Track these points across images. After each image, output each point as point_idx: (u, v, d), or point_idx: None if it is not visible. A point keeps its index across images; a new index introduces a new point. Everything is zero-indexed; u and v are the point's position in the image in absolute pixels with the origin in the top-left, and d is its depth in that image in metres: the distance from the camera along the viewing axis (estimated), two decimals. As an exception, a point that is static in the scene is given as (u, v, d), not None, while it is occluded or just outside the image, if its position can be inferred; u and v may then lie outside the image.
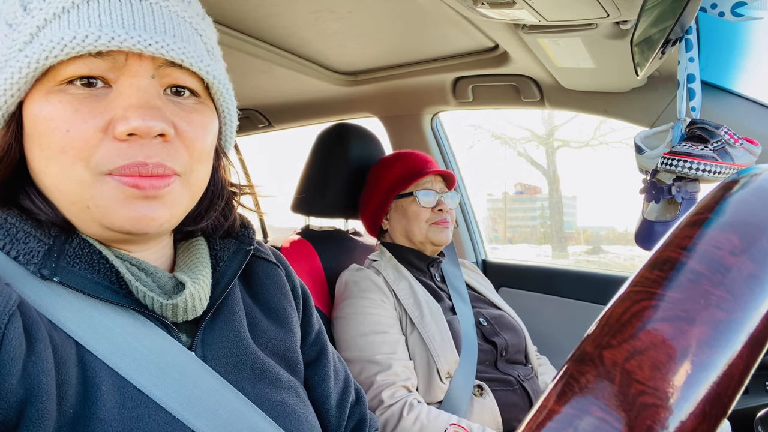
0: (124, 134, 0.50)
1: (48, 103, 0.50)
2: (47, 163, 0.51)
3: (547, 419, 0.25)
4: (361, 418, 0.82)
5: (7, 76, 0.50)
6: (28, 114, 0.52)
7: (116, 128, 0.50)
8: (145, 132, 0.50)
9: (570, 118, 9.77)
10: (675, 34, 0.99)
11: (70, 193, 0.52)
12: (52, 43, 0.48)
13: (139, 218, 0.52)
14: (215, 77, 0.57)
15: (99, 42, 0.49)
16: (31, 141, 0.52)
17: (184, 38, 0.54)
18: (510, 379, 1.31)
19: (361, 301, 1.32)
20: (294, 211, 1.66)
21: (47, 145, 0.50)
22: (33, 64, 0.49)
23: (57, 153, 0.50)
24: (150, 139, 0.51)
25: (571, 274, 1.91)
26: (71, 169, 0.50)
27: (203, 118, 0.57)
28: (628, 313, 0.26)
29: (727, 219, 0.28)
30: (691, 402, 0.23)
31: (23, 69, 0.49)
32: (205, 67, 0.55)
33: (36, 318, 0.49)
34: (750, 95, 1.29)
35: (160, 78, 0.54)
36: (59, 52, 0.49)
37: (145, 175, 0.51)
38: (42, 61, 0.49)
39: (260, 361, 0.65)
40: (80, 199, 0.52)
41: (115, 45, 0.49)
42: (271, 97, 2.05)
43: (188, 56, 0.53)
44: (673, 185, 1.05)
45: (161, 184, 0.53)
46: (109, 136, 0.50)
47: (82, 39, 0.48)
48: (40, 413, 0.45)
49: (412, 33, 1.45)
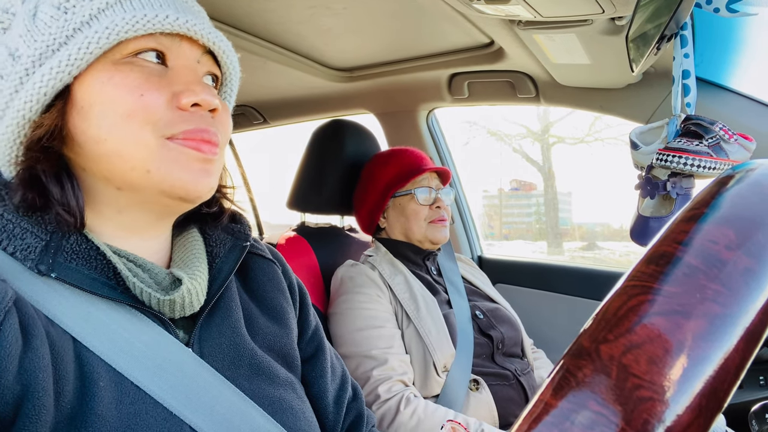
0: (189, 105, 0.56)
1: (119, 72, 0.55)
2: (110, 128, 0.54)
3: (544, 413, 0.25)
4: (359, 414, 0.82)
5: (81, 46, 0.53)
6: (87, 85, 0.54)
7: (182, 99, 0.56)
8: (207, 104, 0.57)
9: (565, 115, 9.80)
10: (670, 30, 0.99)
11: (133, 157, 0.54)
12: (135, 17, 0.54)
13: (198, 180, 0.57)
14: (235, 71, 0.67)
15: (176, 22, 0.56)
16: (88, 111, 0.54)
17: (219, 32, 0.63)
18: (507, 374, 1.31)
19: (357, 296, 1.32)
20: (289, 207, 1.66)
21: (114, 110, 0.54)
22: (113, 36, 0.53)
23: (124, 117, 0.54)
24: (206, 111, 0.58)
25: (567, 270, 1.92)
26: (138, 133, 0.54)
27: (227, 106, 0.65)
28: (624, 308, 0.26)
29: (722, 214, 0.28)
30: (688, 396, 0.23)
31: (102, 40, 0.53)
32: (235, 62, 0.66)
33: (32, 314, 0.49)
34: (745, 91, 1.29)
35: (201, 65, 0.61)
36: (140, 27, 0.54)
37: (207, 140, 0.57)
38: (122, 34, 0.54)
39: (257, 357, 0.65)
40: (142, 163, 0.55)
41: (187, 27, 0.57)
42: (266, 94, 2.05)
43: (228, 49, 0.63)
44: (668, 181, 1.05)
45: (216, 150, 0.59)
46: (173, 106, 0.56)
47: (164, 17, 0.55)
48: (37, 409, 0.45)
49: (407, 29, 1.44)
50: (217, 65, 0.64)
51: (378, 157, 1.58)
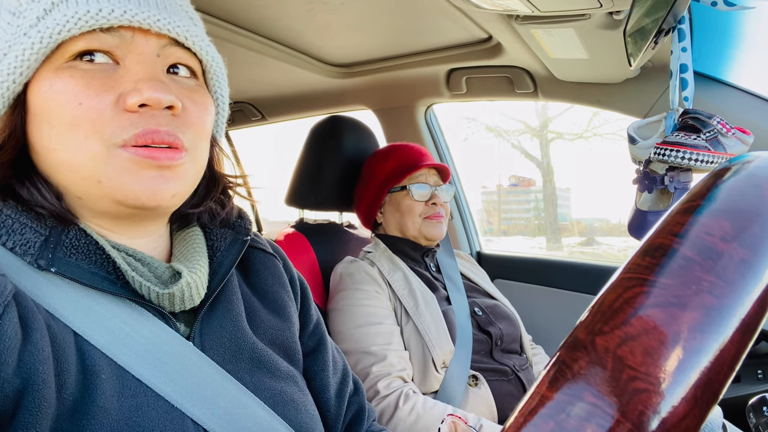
0: (135, 105, 0.52)
1: (58, 78, 0.52)
2: (58, 138, 0.52)
3: (540, 405, 0.25)
4: (360, 407, 0.83)
5: (18, 54, 0.51)
6: (35, 93, 0.52)
7: (128, 100, 0.52)
8: (156, 103, 0.52)
9: (564, 110, 9.78)
10: (668, 23, 0.99)
11: (82, 167, 0.52)
12: (66, 17, 0.50)
13: (153, 189, 0.53)
14: (213, 58, 0.61)
15: (112, 15, 0.51)
16: (40, 119, 0.53)
17: (185, 19, 0.57)
18: (505, 369, 1.31)
19: (356, 292, 1.32)
20: (288, 204, 1.66)
21: (58, 120, 0.51)
22: (45, 40, 0.51)
23: (69, 127, 0.51)
24: (160, 111, 0.53)
25: (566, 266, 1.92)
26: (84, 142, 0.51)
27: (204, 99, 0.60)
28: (620, 300, 0.26)
29: (718, 206, 0.28)
30: (683, 387, 0.24)
31: (35, 45, 0.51)
32: (205, 47, 0.59)
33: (32, 308, 0.49)
34: (742, 85, 1.29)
35: (164, 57, 0.56)
36: (73, 26, 0.51)
37: (159, 142, 0.53)
38: (55, 36, 0.51)
39: (258, 350, 0.65)
40: (92, 174, 0.52)
41: (127, 19, 0.52)
42: (263, 90, 2.04)
43: (191, 35, 0.57)
44: (666, 175, 1.05)
45: (175, 155, 0.54)
46: (120, 109, 0.52)
47: (96, 12, 0.51)
48: (38, 402, 0.45)
49: (405, 24, 1.44)
50: (193, 55, 0.59)
51: (378, 153, 1.58)
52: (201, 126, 0.58)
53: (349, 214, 1.72)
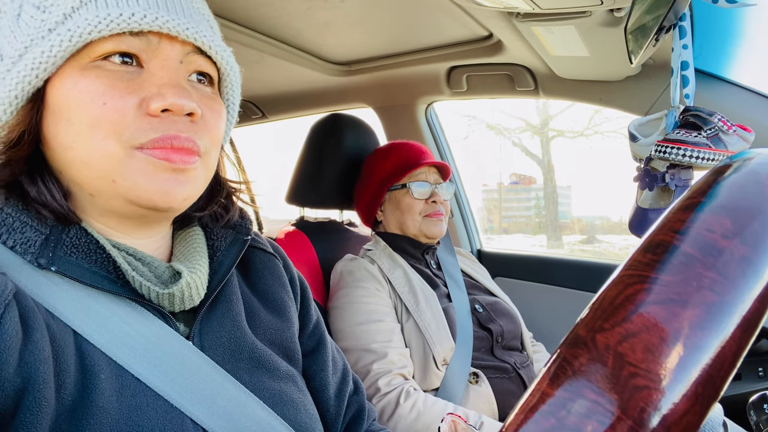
0: (158, 110, 0.53)
1: (84, 77, 0.52)
2: (75, 137, 0.52)
3: (541, 402, 0.25)
4: (360, 407, 0.82)
5: (45, 50, 0.51)
6: (57, 90, 0.53)
7: (151, 104, 0.52)
8: (178, 109, 0.53)
9: (564, 108, 9.76)
10: (669, 21, 0.99)
11: (98, 167, 0.53)
12: (98, 18, 0.51)
13: (167, 191, 0.54)
14: (231, 68, 0.62)
15: (144, 21, 0.52)
16: (58, 116, 0.53)
17: (210, 29, 0.59)
18: (506, 367, 1.31)
19: (356, 290, 1.32)
20: (288, 202, 1.66)
21: (79, 119, 0.52)
22: (75, 38, 0.51)
23: (89, 126, 0.51)
24: (180, 116, 0.54)
25: (566, 263, 1.92)
26: (103, 143, 0.52)
27: (219, 107, 0.61)
28: (620, 297, 0.26)
29: (719, 202, 0.28)
30: (684, 384, 0.24)
31: (64, 42, 0.51)
32: (226, 57, 0.60)
33: (33, 307, 0.49)
34: (743, 83, 1.29)
35: (186, 64, 0.57)
36: (104, 28, 0.51)
37: (178, 148, 0.54)
38: (85, 36, 0.51)
39: (258, 350, 0.65)
40: (107, 174, 0.53)
41: (158, 25, 0.53)
42: (264, 88, 2.04)
43: (215, 44, 0.58)
44: (667, 173, 1.05)
45: (190, 159, 0.55)
46: (142, 112, 0.53)
47: (129, 16, 0.51)
48: (38, 401, 0.45)
49: (405, 22, 1.44)
50: (212, 63, 0.60)
51: (379, 150, 1.58)
52: (216, 133, 0.59)
53: (350, 212, 1.72)
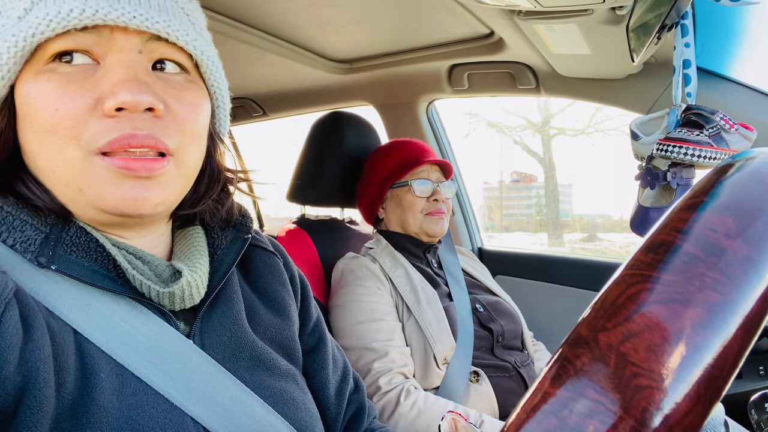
0: (112, 109, 0.50)
1: (37, 83, 0.50)
2: (39, 144, 0.51)
3: (543, 402, 0.25)
4: (360, 405, 0.82)
5: None
6: (19, 96, 0.52)
7: (105, 104, 0.50)
8: (132, 105, 0.50)
9: (566, 106, 9.75)
10: (671, 19, 0.99)
11: (63, 174, 0.51)
12: (38, 19, 0.49)
13: (133, 198, 0.52)
14: (203, 52, 0.57)
15: (83, 15, 0.49)
16: (24, 123, 0.52)
17: (170, 13, 0.54)
18: (506, 366, 1.31)
19: (357, 288, 1.32)
20: (289, 200, 1.66)
21: (38, 126, 0.50)
22: (20, 43, 0.49)
23: (48, 133, 0.50)
24: (140, 113, 0.51)
25: (567, 262, 1.92)
26: (62, 149, 0.50)
27: (195, 97, 0.57)
28: (623, 297, 0.26)
29: (722, 202, 0.28)
30: (686, 384, 0.23)
31: (11, 49, 0.49)
32: (192, 41, 0.55)
33: (33, 306, 0.49)
34: (746, 81, 1.29)
35: (147, 53, 0.54)
36: (45, 28, 0.49)
37: (137, 146, 0.51)
38: (29, 39, 0.49)
39: (258, 349, 0.65)
40: (73, 181, 0.51)
41: (100, 18, 0.50)
42: (265, 86, 2.04)
43: (173, 29, 0.53)
44: (669, 171, 1.05)
45: (155, 165, 0.52)
46: (98, 113, 0.50)
47: (67, 13, 0.49)
48: (38, 400, 0.45)
49: (407, 20, 1.43)
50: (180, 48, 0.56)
51: (380, 149, 1.58)
52: (189, 126, 0.56)
53: (351, 210, 1.72)
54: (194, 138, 0.57)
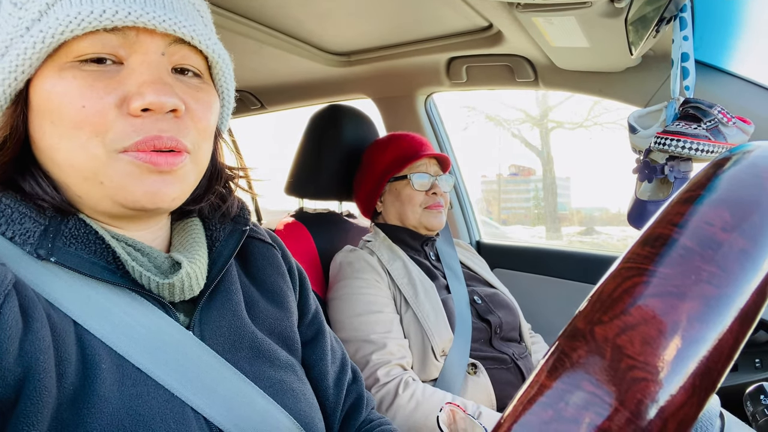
0: (138, 110, 0.51)
1: (62, 79, 0.51)
2: (59, 139, 0.52)
3: (539, 394, 0.25)
4: (359, 396, 0.83)
5: (20, 52, 0.50)
6: (38, 91, 0.52)
7: (131, 104, 0.51)
8: (159, 107, 0.52)
9: (564, 99, 9.73)
10: (669, 12, 0.99)
11: (84, 168, 0.52)
12: (69, 17, 0.49)
13: (154, 192, 0.54)
14: (220, 56, 0.60)
15: (116, 17, 0.50)
16: (42, 118, 0.52)
17: (191, 17, 0.56)
18: (504, 358, 1.32)
19: (356, 281, 1.33)
20: (287, 193, 1.66)
21: (60, 121, 0.51)
22: (48, 39, 0.50)
23: (71, 128, 0.51)
24: (163, 114, 0.53)
25: (565, 255, 1.92)
26: (86, 145, 0.51)
27: (208, 97, 0.59)
28: (619, 290, 0.26)
29: (718, 195, 0.28)
30: (681, 376, 0.24)
31: (37, 44, 0.50)
32: (212, 45, 0.58)
33: (32, 297, 0.49)
34: (744, 75, 1.29)
35: (169, 56, 0.55)
36: (76, 27, 0.50)
37: (160, 148, 0.53)
38: (57, 36, 0.50)
39: (258, 340, 0.65)
40: (94, 175, 0.52)
41: (132, 20, 0.51)
42: (263, 79, 2.03)
43: (197, 34, 0.55)
44: (666, 164, 1.05)
45: (176, 160, 0.54)
46: (123, 112, 0.52)
47: (100, 14, 0.50)
48: (39, 391, 0.45)
49: (405, 12, 1.43)
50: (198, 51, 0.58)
51: (378, 142, 1.58)
52: (204, 125, 0.58)
53: (349, 203, 1.72)
54: (207, 136, 0.60)
